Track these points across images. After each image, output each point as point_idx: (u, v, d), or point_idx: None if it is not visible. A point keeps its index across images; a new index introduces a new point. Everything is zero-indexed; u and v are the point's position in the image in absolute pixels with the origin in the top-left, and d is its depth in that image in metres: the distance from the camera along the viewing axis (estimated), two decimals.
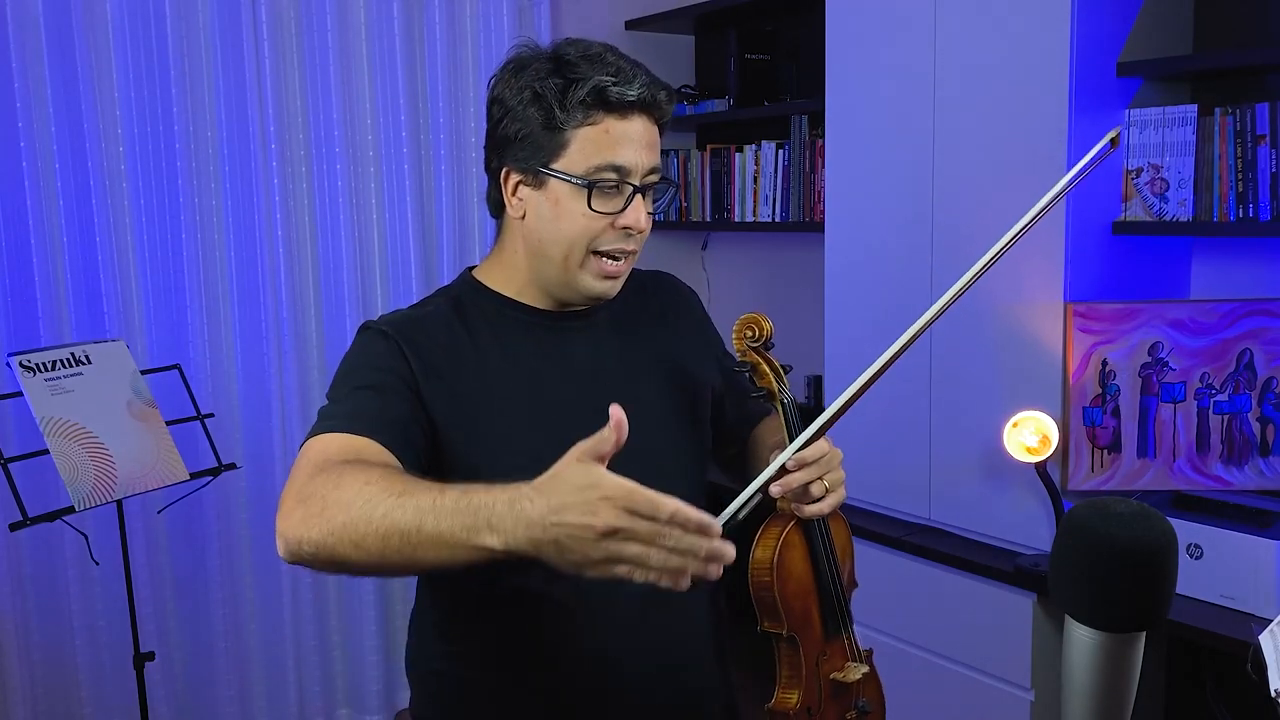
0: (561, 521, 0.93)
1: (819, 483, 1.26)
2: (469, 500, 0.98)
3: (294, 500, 1.08)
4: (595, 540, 0.93)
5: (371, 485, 1.03)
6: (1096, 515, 0.93)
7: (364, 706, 3.25)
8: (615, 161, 1.24)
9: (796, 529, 1.32)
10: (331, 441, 1.15)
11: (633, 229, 1.26)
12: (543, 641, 1.30)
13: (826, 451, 1.26)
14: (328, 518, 1.04)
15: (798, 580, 1.33)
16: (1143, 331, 2.24)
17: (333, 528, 1.03)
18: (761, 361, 1.35)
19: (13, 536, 2.58)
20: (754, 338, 1.35)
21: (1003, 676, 2.36)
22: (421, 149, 3.23)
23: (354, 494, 1.03)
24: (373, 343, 1.28)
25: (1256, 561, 2.01)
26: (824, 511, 1.28)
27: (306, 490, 1.08)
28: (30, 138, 2.67)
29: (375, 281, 3.20)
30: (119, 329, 2.81)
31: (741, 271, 3.72)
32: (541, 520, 0.94)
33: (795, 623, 1.33)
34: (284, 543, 1.07)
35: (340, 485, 1.05)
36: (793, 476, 1.22)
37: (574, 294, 1.30)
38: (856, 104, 2.66)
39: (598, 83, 1.22)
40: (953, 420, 2.48)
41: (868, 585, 2.64)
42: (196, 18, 2.87)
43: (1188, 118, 2.21)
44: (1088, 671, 0.95)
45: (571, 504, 0.93)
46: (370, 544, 1.01)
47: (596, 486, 0.93)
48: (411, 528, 0.99)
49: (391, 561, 1.02)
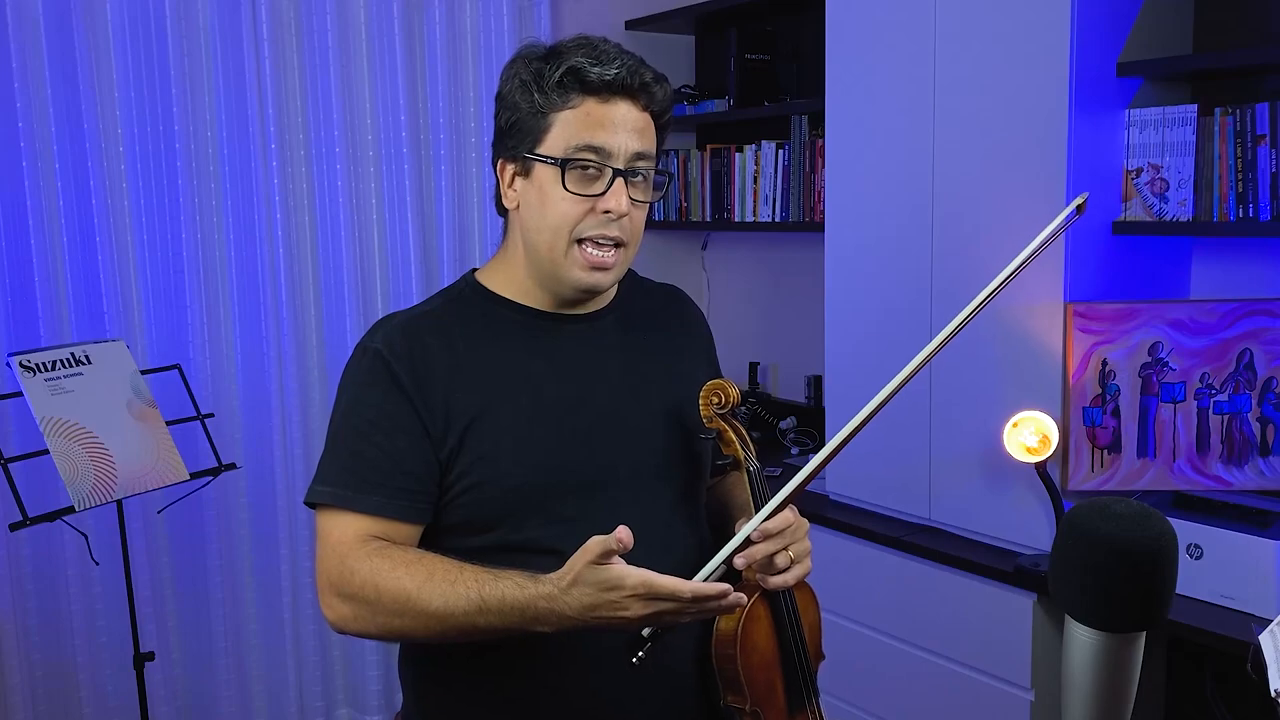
0: (598, 618, 1.09)
1: (784, 554, 1.24)
2: (513, 601, 1.12)
3: (334, 594, 1.22)
4: (631, 616, 1.09)
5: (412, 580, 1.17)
6: (1096, 515, 0.93)
7: (364, 706, 3.25)
8: (593, 142, 1.23)
9: (761, 600, 1.29)
10: (349, 526, 1.23)
11: (614, 212, 1.24)
12: (520, 645, 1.28)
13: (792, 522, 1.25)
14: (379, 624, 1.20)
15: (762, 653, 1.30)
16: (1143, 331, 2.24)
17: (385, 631, 1.21)
18: (728, 429, 1.33)
19: (13, 536, 2.58)
20: (720, 404, 1.32)
21: (1003, 676, 2.36)
22: (421, 149, 3.23)
23: (396, 597, 1.17)
24: (366, 372, 1.28)
25: (1256, 561, 2.01)
26: (789, 583, 1.26)
27: (346, 586, 1.21)
28: (30, 138, 2.67)
29: (375, 281, 3.20)
30: (119, 329, 2.81)
31: (741, 271, 3.72)
32: (580, 618, 1.10)
33: (759, 696, 1.30)
34: (337, 624, 1.24)
35: (381, 588, 1.18)
36: (757, 548, 1.21)
37: (565, 287, 1.29)
38: (856, 104, 2.66)
39: (574, 63, 1.23)
40: (953, 420, 2.48)
41: (869, 586, 2.65)
42: (196, 18, 2.87)
43: (1188, 118, 2.21)
44: (1088, 671, 0.95)
45: (601, 604, 1.08)
46: (428, 631, 1.18)
47: (619, 587, 1.07)
48: (467, 627, 1.15)
49: (448, 638, 1.20)
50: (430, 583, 1.16)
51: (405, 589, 1.16)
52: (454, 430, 1.26)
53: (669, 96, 1.31)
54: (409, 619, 1.17)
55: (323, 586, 1.23)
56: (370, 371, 1.27)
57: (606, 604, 1.08)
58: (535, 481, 1.27)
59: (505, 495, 1.26)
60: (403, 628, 1.19)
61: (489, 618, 1.13)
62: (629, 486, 1.32)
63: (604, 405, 1.33)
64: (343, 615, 1.22)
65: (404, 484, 1.24)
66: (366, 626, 1.21)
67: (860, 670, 2.65)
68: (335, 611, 1.22)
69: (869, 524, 2.65)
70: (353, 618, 1.21)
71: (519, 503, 1.27)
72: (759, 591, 1.28)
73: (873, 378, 2.63)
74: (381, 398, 1.26)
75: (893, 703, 2.61)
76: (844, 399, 2.74)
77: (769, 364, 3.64)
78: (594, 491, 1.30)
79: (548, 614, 1.11)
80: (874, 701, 2.65)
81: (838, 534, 2.68)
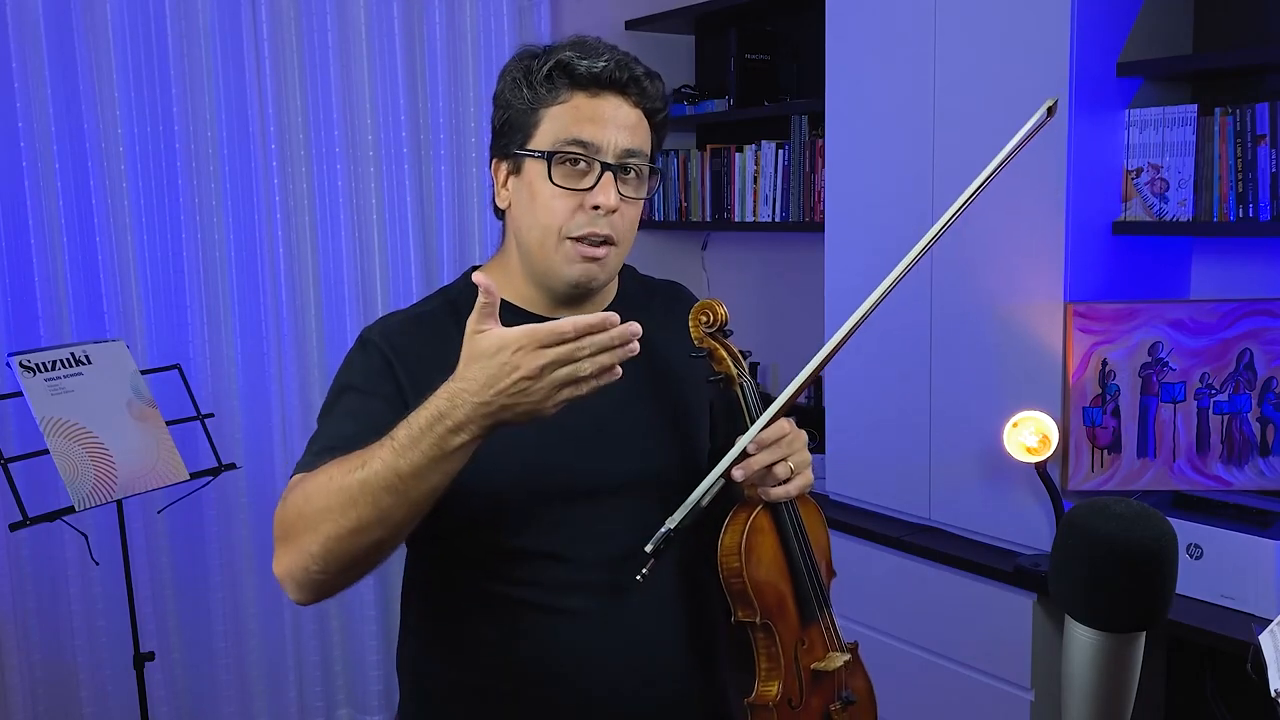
0: (498, 388, 1.01)
1: (783, 464, 1.23)
2: (418, 424, 1.04)
3: (280, 542, 1.13)
4: (532, 385, 1.01)
5: (333, 477, 1.08)
6: (1096, 515, 0.93)
7: (364, 706, 3.25)
8: (581, 136, 1.22)
9: (764, 513, 1.29)
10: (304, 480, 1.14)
11: (602, 207, 1.22)
12: (513, 646, 1.29)
13: (788, 431, 1.24)
14: (315, 526, 1.08)
15: (768, 565, 1.30)
16: (1143, 331, 2.24)
17: (325, 530, 1.07)
18: (718, 346, 1.34)
19: (13, 536, 2.58)
20: (709, 323, 1.34)
21: (1003, 676, 2.36)
22: (421, 149, 3.23)
23: (325, 495, 1.08)
24: (361, 359, 1.28)
25: (1256, 561, 2.01)
26: (791, 494, 1.26)
27: (280, 524, 1.12)
28: (30, 138, 2.67)
29: (375, 281, 3.20)
30: (119, 329, 2.81)
31: (741, 271, 3.72)
32: (483, 397, 1.01)
33: (769, 609, 1.29)
34: (292, 582, 1.12)
35: (309, 497, 1.09)
36: (754, 459, 1.21)
37: (558, 283, 1.28)
38: (856, 104, 2.66)
39: (561, 57, 1.22)
40: (953, 420, 2.48)
41: (869, 586, 2.65)
42: (196, 18, 2.87)
43: (1188, 118, 2.21)
44: (1088, 671, 0.95)
45: (493, 371, 1.01)
46: (366, 516, 1.05)
47: (503, 347, 1.01)
48: (392, 477, 1.04)
49: (395, 518, 1.06)
50: (346, 463, 1.08)
51: (324, 484, 1.08)
52: None
53: (662, 93, 1.29)
54: (336, 515, 1.06)
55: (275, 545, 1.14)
56: (365, 360, 1.28)
57: (500, 371, 1.00)
58: (521, 486, 1.26)
59: (490, 499, 1.26)
60: (335, 533, 1.07)
61: (409, 455, 1.03)
62: (618, 493, 1.31)
63: (596, 410, 1.32)
64: (285, 564, 1.11)
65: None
66: (305, 558, 1.09)
67: None
68: (280, 564, 1.12)
69: (869, 524, 2.65)
70: (294, 554, 1.10)
71: (504, 507, 1.26)
72: (761, 504, 1.28)
73: (873, 378, 2.64)
74: (372, 384, 1.25)
75: (893, 702, 2.60)
76: (844, 399, 2.74)
77: (769, 364, 3.64)
78: (581, 498, 1.29)
79: (455, 413, 1.02)
80: None
81: (838, 534, 2.68)
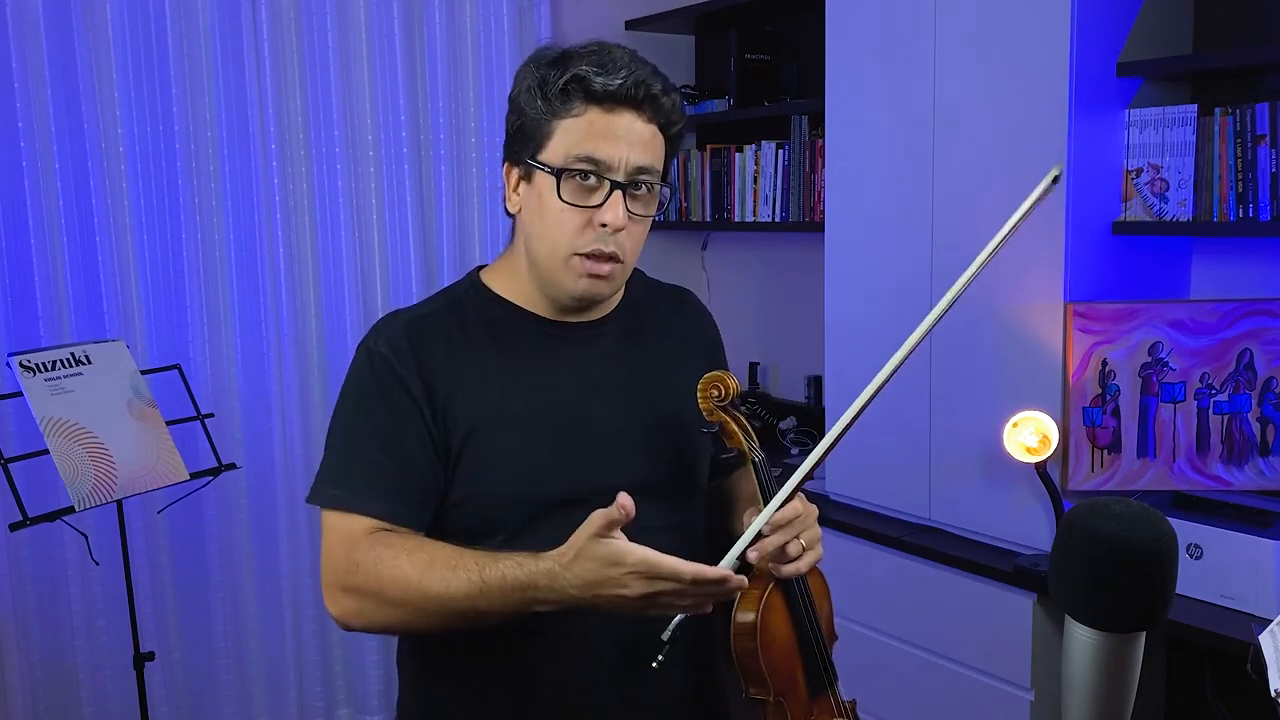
0: (599, 594, 1.09)
1: (795, 542, 1.24)
2: (512, 580, 1.12)
3: (339, 590, 1.22)
4: (630, 601, 1.09)
5: (410, 576, 1.16)
6: (1096, 515, 0.93)
7: (364, 706, 3.25)
8: (592, 154, 1.21)
9: (776, 590, 1.30)
10: (355, 524, 1.23)
11: (610, 225, 1.21)
12: (512, 645, 1.29)
13: (801, 511, 1.25)
14: (384, 615, 1.20)
15: (781, 643, 1.30)
16: (1143, 331, 2.24)
17: (390, 622, 1.22)
18: (729, 420, 1.30)
19: (13, 536, 2.58)
20: (720, 397, 1.29)
21: (1003, 676, 2.36)
22: (421, 149, 3.23)
23: (401, 588, 1.17)
24: (372, 378, 1.27)
25: (1256, 561, 2.01)
26: (802, 570, 1.26)
27: (350, 579, 1.21)
28: (30, 138, 2.67)
29: (375, 281, 3.20)
30: (119, 329, 2.81)
31: (741, 271, 3.72)
32: (581, 594, 1.09)
33: (781, 686, 1.30)
34: (344, 623, 1.24)
35: (383, 581, 1.18)
36: (769, 540, 1.21)
37: (563, 295, 1.28)
38: (856, 104, 2.66)
39: (578, 71, 1.21)
40: (953, 420, 2.48)
41: (869, 586, 2.65)
42: (196, 18, 2.87)
43: (1188, 118, 2.21)
44: (1088, 671, 0.95)
45: (603, 580, 1.08)
46: (434, 625, 1.19)
47: (621, 564, 1.07)
48: (469, 609, 1.14)
49: (455, 627, 1.20)
50: (431, 568, 1.15)
51: (407, 576, 1.16)
52: (455, 439, 1.26)
53: (679, 107, 1.27)
54: (411, 607, 1.16)
55: (328, 583, 1.23)
56: (376, 375, 1.27)
57: (607, 580, 1.07)
58: (526, 494, 1.27)
59: (496, 506, 1.26)
60: (405, 618, 1.19)
61: (490, 599, 1.12)
62: None
63: (600, 418, 1.32)
64: (347, 610, 1.22)
65: (413, 492, 1.25)
66: (371, 619, 1.21)
67: (860, 670, 2.64)
68: (340, 606, 1.22)
69: (869, 524, 2.65)
70: (357, 611, 1.21)
71: (510, 515, 1.27)
72: (772, 581, 1.28)
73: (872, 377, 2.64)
74: (388, 403, 1.25)
75: (893, 702, 2.61)
76: (844, 399, 2.74)
77: (769, 364, 3.64)
78: (584, 507, 1.29)
79: (548, 591, 1.10)
80: (874, 701, 2.64)
81: (838, 534, 2.68)
